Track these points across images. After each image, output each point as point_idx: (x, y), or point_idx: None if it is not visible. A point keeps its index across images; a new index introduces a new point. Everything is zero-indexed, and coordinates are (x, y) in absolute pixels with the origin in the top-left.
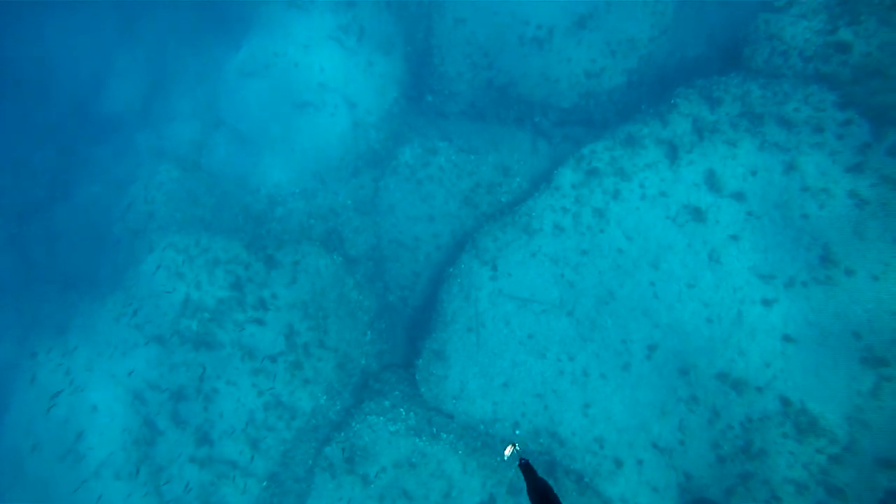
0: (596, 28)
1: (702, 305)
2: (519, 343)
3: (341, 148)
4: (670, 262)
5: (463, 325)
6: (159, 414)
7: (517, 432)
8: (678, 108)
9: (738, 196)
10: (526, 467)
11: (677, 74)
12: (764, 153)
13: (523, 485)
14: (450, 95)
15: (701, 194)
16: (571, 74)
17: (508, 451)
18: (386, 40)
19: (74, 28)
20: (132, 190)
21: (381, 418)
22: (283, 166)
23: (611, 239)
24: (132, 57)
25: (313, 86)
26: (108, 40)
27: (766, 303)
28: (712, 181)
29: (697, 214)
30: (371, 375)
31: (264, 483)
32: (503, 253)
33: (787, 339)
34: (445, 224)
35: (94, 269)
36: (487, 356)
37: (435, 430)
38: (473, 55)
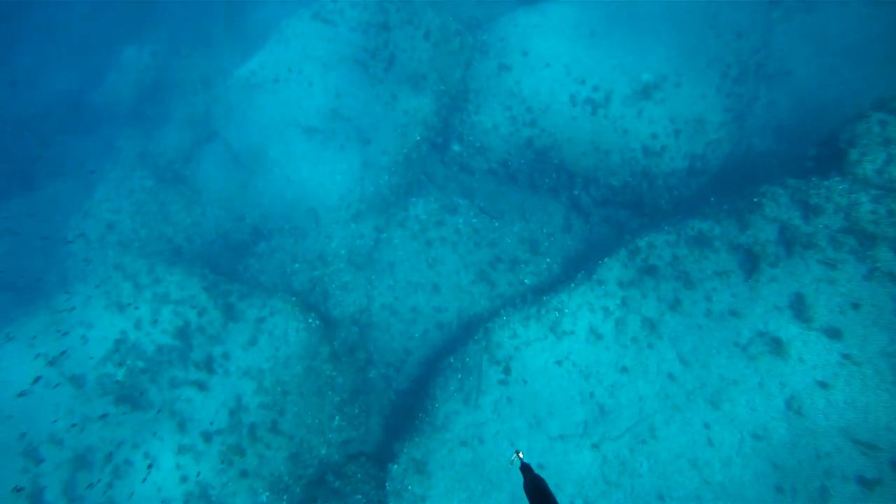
0: (661, 101)
1: (771, 467)
2: None
3: (344, 186)
4: (735, 402)
5: (456, 435)
6: (51, 479)
7: None
8: (762, 210)
9: (833, 332)
10: (525, 468)
11: (742, 169)
12: (873, 283)
13: None
14: (480, 149)
15: (783, 322)
16: (627, 149)
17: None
18: (417, 74)
19: (85, 12)
20: (98, 193)
21: None
22: (275, 195)
23: (661, 359)
24: (139, 50)
25: (325, 111)
26: (119, 28)
27: (864, 482)
28: (800, 308)
29: (776, 347)
30: (331, 469)
31: None
32: (521, 353)
33: None
34: (453, 299)
35: (33, 278)
36: (482, 483)
37: None
38: (515, 108)
